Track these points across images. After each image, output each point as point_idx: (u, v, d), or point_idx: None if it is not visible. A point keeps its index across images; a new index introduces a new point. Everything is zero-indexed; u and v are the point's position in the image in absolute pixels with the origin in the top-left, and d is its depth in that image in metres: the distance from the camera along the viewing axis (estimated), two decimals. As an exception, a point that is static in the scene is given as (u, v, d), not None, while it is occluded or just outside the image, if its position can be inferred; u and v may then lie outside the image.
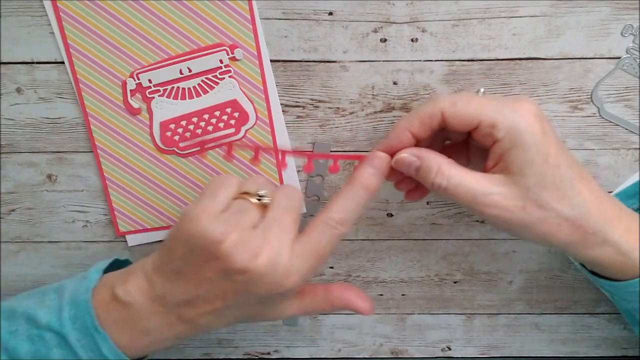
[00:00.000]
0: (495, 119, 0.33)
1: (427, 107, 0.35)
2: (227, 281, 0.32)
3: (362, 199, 0.35)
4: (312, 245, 0.34)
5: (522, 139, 0.33)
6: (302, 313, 0.37)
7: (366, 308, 0.37)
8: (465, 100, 0.34)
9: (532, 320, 0.52)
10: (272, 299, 0.34)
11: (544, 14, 0.41)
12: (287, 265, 0.33)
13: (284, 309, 0.36)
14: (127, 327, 0.34)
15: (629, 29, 0.41)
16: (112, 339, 0.34)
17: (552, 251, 0.49)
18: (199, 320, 0.34)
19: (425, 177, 0.35)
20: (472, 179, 0.34)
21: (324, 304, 0.37)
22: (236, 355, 0.54)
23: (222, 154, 0.45)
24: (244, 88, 0.43)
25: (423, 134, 0.36)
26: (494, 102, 0.34)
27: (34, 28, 0.41)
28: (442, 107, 0.34)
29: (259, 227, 0.33)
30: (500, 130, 0.33)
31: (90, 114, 0.43)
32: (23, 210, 0.47)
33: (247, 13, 0.41)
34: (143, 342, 0.35)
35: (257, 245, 0.32)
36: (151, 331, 0.35)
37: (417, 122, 0.35)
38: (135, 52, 0.42)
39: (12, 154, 0.45)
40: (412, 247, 0.49)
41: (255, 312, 0.36)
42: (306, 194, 0.47)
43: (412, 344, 0.53)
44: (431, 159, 0.35)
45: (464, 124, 0.34)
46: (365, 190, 0.35)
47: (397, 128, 0.36)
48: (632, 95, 0.43)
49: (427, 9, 0.41)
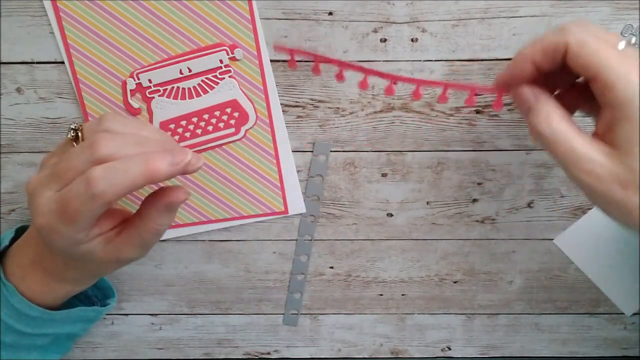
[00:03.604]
0: (614, 81, 0.29)
1: (554, 37, 0.31)
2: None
3: (136, 175, 0.30)
4: (61, 193, 0.31)
5: (636, 114, 0.29)
6: (120, 252, 0.35)
7: (180, 194, 0.34)
8: (594, 46, 0.30)
9: (532, 320, 0.52)
10: (51, 236, 0.33)
11: (544, 14, 0.41)
12: (38, 203, 0.32)
13: (89, 252, 0.35)
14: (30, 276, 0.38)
15: (629, 29, 0.41)
16: (20, 290, 0.38)
17: (552, 251, 0.49)
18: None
19: (531, 120, 0.32)
20: (578, 139, 0.31)
21: (143, 233, 0.35)
22: (236, 355, 0.54)
23: (222, 154, 0.45)
24: (244, 88, 0.43)
25: (545, 65, 0.32)
26: (625, 61, 0.30)
27: (34, 28, 0.41)
28: (570, 41, 0.31)
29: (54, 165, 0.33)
30: (616, 96, 0.29)
31: (90, 114, 0.43)
32: (23, 210, 0.47)
33: (247, 13, 0.41)
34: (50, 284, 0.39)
35: (34, 177, 0.33)
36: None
37: (540, 51, 0.32)
38: (135, 52, 0.42)
39: (12, 154, 0.45)
40: (412, 247, 0.49)
41: (68, 256, 0.35)
42: (306, 194, 0.47)
43: (412, 344, 0.53)
44: (544, 102, 0.32)
45: (581, 69, 0.31)
46: (145, 168, 0.30)
47: (520, 55, 0.33)
48: (632, 95, 0.43)
49: (427, 9, 0.41)
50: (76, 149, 0.32)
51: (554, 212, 0.48)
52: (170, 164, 0.31)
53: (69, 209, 0.31)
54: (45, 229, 0.32)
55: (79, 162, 0.31)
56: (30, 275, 0.38)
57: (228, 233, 0.48)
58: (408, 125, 0.45)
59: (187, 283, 0.51)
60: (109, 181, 0.30)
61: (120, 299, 0.51)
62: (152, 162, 0.31)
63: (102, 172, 0.30)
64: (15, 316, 0.39)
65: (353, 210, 0.48)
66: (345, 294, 0.51)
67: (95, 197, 0.30)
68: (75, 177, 0.31)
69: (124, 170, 0.30)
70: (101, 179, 0.30)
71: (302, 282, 0.50)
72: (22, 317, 0.39)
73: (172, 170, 0.31)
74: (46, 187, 0.32)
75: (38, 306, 0.39)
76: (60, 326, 0.42)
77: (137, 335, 0.53)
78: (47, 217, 0.32)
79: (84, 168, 0.31)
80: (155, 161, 0.31)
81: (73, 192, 0.31)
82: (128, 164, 0.30)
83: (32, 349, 0.42)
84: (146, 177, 0.31)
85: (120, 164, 0.30)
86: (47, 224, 0.32)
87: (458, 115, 0.44)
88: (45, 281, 0.38)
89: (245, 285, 0.51)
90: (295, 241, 0.49)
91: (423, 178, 0.47)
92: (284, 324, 0.53)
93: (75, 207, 0.31)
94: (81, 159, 0.31)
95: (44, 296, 0.39)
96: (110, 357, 0.54)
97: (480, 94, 0.43)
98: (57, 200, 0.31)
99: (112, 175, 0.30)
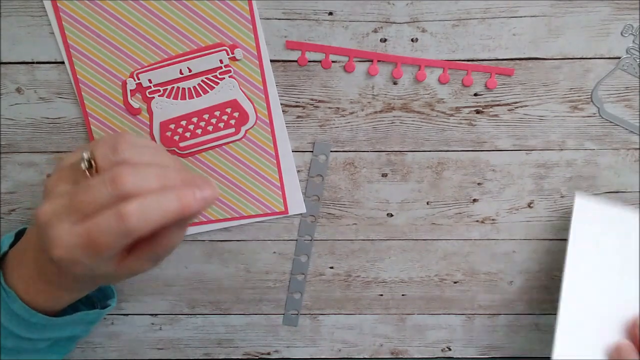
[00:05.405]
0: None
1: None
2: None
3: (171, 210, 0.31)
4: (88, 227, 0.31)
5: None
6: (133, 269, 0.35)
7: (211, 192, 0.33)
8: None
9: (532, 320, 0.52)
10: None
11: (544, 14, 0.41)
12: (55, 235, 0.32)
13: (105, 273, 0.35)
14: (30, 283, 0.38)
15: (629, 29, 0.41)
16: (20, 296, 0.38)
17: (552, 251, 0.49)
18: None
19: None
20: None
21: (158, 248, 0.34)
22: (236, 355, 0.54)
23: (222, 154, 0.45)
24: (244, 88, 0.43)
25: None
26: None
27: (34, 28, 0.41)
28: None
29: (68, 192, 0.33)
30: None
31: (90, 114, 0.43)
32: (23, 210, 0.47)
33: (247, 13, 0.41)
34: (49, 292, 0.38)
35: (46, 205, 0.33)
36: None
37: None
38: (135, 52, 0.42)
39: (12, 154, 0.45)
40: (412, 247, 0.49)
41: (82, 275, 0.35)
42: (306, 194, 0.47)
43: (412, 344, 0.53)
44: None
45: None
46: (179, 204, 0.31)
47: None
48: (632, 95, 0.43)
49: (427, 9, 0.41)
50: (96, 182, 0.31)
51: (554, 212, 0.48)
52: (200, 200, 0.32)
53: (98, 243, 0.31)
54: (66, 261, 0.32)
55: (101, 197, 0.31)
56: (35, 286, 0.38)
57: (228, 233, 0.48)
58: (408, 126, 0.45)
59: (187, 283, 0.51)
60: (143, 218, 0.30)
61: (120, 299, 0.51)
62: (185, 199, 0.31)
63: (136, 209, 0.30)
64: (16, 322, 0.39)
65: (353, 210, 0.48)
66: (345, 294, 0.51)
67: (129, 234, 0.30)
68: (98, 211, 0.31)
69: (158, 207, 0.31)
70: (135, 215, 0.30)
71: (302, 282, 0.50)
72: (24, 323, 0.39)
73: (202, 205, 0.32)
74: (63, 219, 0.32)
75: (41, 313, 0.39)
76: (62, 330, 0.42)
77: (137, 335, 0.53)
78: (68, 250, 0.32)
79: (107, 203, 0.31)
80: (187, 198, 0.31)
81: (103, 227, 0.31)
82: (161, 200, 0.31)
83: (33, 352, 0.42)
84: (179, 214, 0.31)
85: (154, 201, 0.31)
86: (69, 256, 0.32)
87: (458, 115, 0.44)
88: (50, 290, 0.38)
89: (245, 286, 0.51)
90: (295, 241, 0.49)
91: (423, 178, 0.47)
92: (284, 324, 0.53)
93: (105, 242, 0.31)
94: (104, 193, 0.31)
95: (47, 303, 0.39)
96: (110, 357, 0.54)
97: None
98: (82, 235, 0.31)
99: (146, 212, 0.30)
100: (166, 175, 0.33)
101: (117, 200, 0.31)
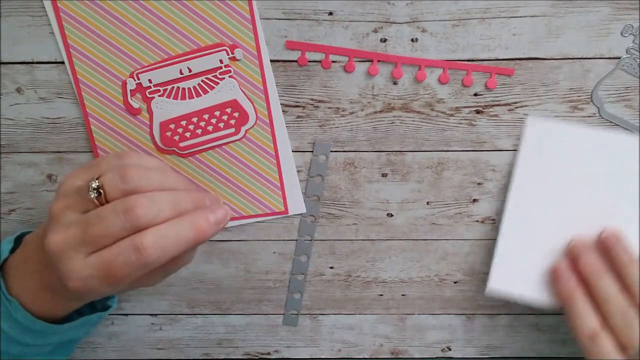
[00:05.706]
0: None
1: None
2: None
3: (186, 239, 0.32)
4: (105, 259, 0.31)
5: None
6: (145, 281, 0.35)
7: (223, 214, 0.34)
8: None
9: (532, 320, 0.52)
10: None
11: (544, 14, 0.41)
12: (70, 268, 0.32)
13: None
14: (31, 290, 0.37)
15: (629, 29, 0.41)
16: (26, 306, 0.37)
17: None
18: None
19: None
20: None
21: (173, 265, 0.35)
22: (236, 355, 0.54)
23: (222, 154, 0.45)
24: (244, 88, 0.43)
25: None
26: None
27: (34, 28, 0.41)
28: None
29: (79, 221, 0.33)
30: None
31: (90, 114, 0.43)
32: (23, 210, 0.47)
33: (247, 13, 0.41)
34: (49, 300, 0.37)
35: (55, 235, 0.32)
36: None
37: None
38: (135, 52, 0.42)
39: (12, 154, 0.45)
40: (412, 247, 0.49)
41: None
42: (306, 194, 0.47)
43: (412, 344, 0.53)
44: None
45: None
46: (194, 232, 0.32)
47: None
48: (632, 95, 0.43)
49: (427, 9, 0.41)
50: (109, 213, 0.31)
51: (554, 212, 0.48)
52: (215, 224, 0.33)
53: (116, 276, 0.31)
54: (83, 291, 0.32)
55: (116, 229, 0.31)
56: (41, 296, 0.37)
57: (228, 233, 0.48)
58: (408, 125, 0.45)
59: (187, 283, 0.51)
60: (161, 249, 0.31)
61: (120, 299, 0.51)
62: (199, 226, 0.32)
63: (153, 241, 0.31)
64: (20, 330, 0.38)
65: (353, 210, 0.48)
66: (345, 294, 0.51)
67: (148, 265, 0.31)
68: (112, 242, 0.31)
69: (174, 237, 0.31)
70: (151, 248, 0.31)
71: (302, 282, 0.50)
72: (28, 331, 0.39)
73: (217, 229, 0.33)
74: (77, 250, 0.32)
75: (43, 321, 0.38)
76: (64, 335, 0.41)
77: (137, 335, 0.53)
78: (86, 281, 0.32)
79: (122, 235, 0.31)
80: (201, 224, 0.32)
81: (120, 259, 0.31)
82: (177, 231, 0.31)
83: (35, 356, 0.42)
84: (195, 241, 0.32)
85: (170, 231, 0.31)
86: (86, 287, 0.32)
87: (458, 115, 0.44)
88: (55, 299, 0.38)
89: (245, 286, 0.51)
90: (295, 241, 0.49)
91: (423, 178, 0.47)
92: (284, 324, 0.53)
93: (123, 273, 0.31)
94: (118, 226, 0.31)
95: (53, 312, 0.39)
96: (110, 357, 0.54)
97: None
98: (99, 266, 0.31)
99: (164, 243, 0.31)
100: (178, 200, 0.33)
101: (131, 231, 0.31)
